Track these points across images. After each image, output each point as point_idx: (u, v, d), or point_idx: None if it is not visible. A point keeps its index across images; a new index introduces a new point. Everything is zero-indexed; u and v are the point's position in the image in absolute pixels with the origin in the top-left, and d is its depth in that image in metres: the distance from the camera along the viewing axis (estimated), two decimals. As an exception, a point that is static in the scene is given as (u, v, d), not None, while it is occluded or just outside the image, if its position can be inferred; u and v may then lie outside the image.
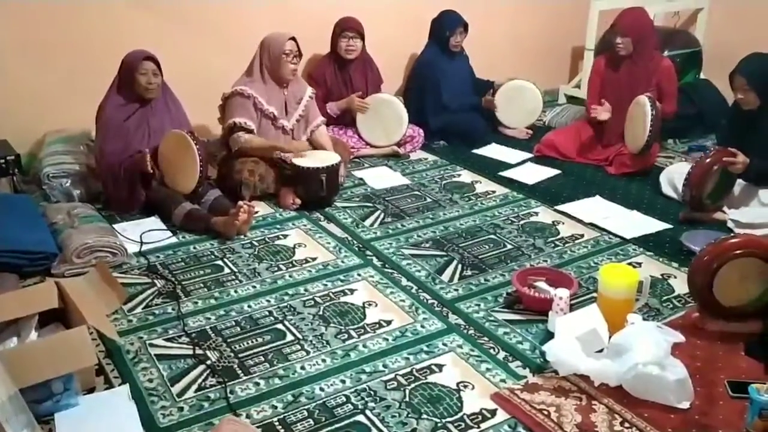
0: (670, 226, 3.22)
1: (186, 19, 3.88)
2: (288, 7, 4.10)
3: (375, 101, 4.05)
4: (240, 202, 3.06)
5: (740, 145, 3.14)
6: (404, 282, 2.75)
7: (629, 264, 2.87)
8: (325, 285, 2.72)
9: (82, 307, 2.20)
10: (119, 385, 2.12)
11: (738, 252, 2.31)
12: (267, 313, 2.53)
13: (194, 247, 3.01)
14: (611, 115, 3.92)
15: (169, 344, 2.34)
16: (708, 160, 3.14)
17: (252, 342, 2.35)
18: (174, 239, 3.06)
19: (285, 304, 2.59)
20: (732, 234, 2.64)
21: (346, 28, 4.01)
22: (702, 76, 4.74)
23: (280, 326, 2.45)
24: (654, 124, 3.61)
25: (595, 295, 2.51)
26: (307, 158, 3.40)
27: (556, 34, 5.19)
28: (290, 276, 2.79)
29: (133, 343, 2.34)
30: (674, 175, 3.50)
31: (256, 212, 3.26)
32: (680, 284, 2.71)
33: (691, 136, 4.40)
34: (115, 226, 3.09)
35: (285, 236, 3.13)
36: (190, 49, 3.87)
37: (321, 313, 2.53)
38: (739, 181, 3.24)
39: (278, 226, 3.23)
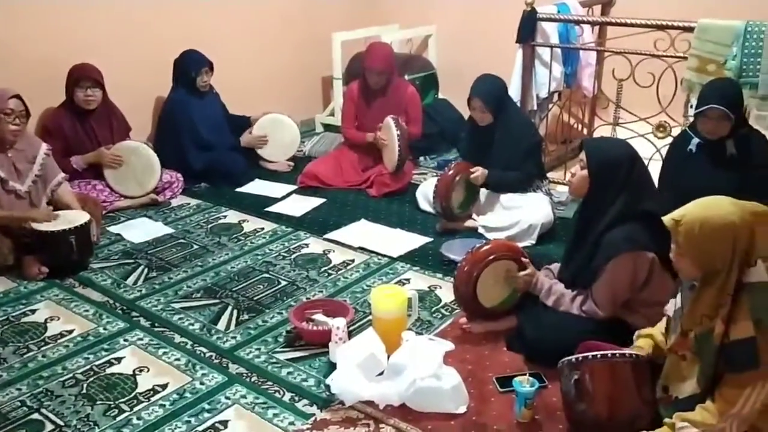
0: (430, 239, 3.42)
1: None
2: (10, 54, 3.66)
3: (121, 150, 3.79)
4: (-31, 282, 2.67)
5: (480, 156, 3.45)
6: (177, 339, 2.59)
7: (399, 281, 3.00)
8: (87, 358, 2.47)
9: None
10: None
11: (491, 258, 2.50)
12: (19, 403, 2.22)
13: None
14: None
15: None
16: (450, 173, 3.40)
17: (2, 442, 2.05)
18: None
19: (40, 389, 2.29)
20: (483, 242, 2.86)
21: (82, 77, 3.69)
22: (440, 95, 5.15)
23: (36, 416, 2.16)
24: (401, 142, 3.85)
25: (371, 318, 2.57)
26: (51, 221, 3.06)
27: (303, 65, 5.30)
28: (43, 356, 2.48)
29: None
30: (428, 191, 3.73)
31: (-6, 290, 2.87)
32: (446, 293, 2.88)
33: (438, 152, 4.76)
34: None
35: (33, 311, 2.79)
36: None
37: (84, 391, 2.28)
38: (483, 190, 3.55)
39: (24, 301, 2.86)
